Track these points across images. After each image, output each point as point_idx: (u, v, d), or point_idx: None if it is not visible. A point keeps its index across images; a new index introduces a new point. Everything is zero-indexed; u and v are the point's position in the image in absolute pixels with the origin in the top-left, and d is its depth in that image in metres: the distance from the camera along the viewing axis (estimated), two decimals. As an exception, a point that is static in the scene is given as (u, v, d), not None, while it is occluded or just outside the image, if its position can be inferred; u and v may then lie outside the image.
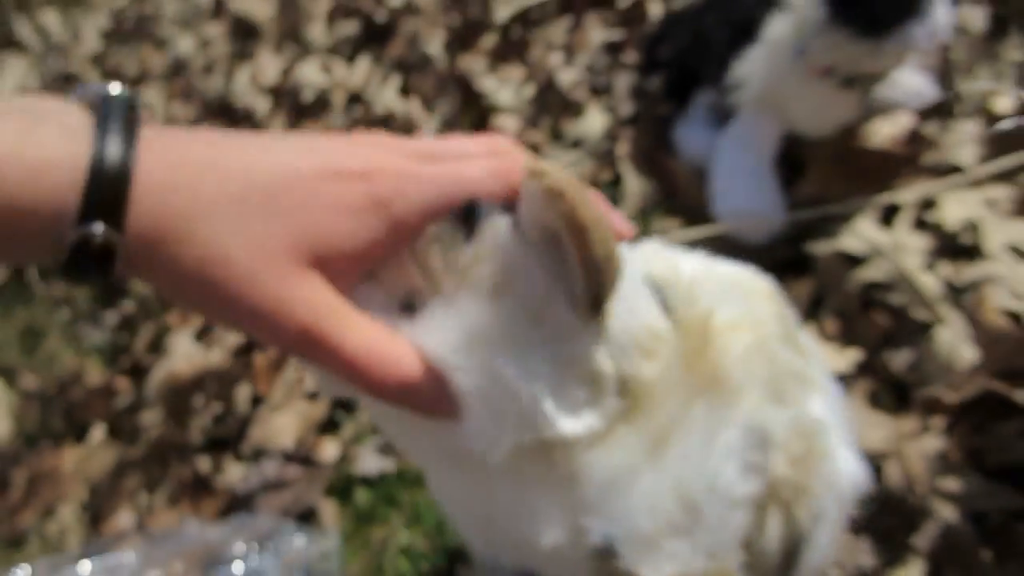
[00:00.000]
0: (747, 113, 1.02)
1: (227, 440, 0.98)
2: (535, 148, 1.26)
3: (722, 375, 0.45)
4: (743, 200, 1.00)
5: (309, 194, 0.37)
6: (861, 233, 0.91)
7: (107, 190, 0.34)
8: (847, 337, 0.89)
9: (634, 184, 1.13)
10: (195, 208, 0.36)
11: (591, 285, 0.37)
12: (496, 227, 0.39)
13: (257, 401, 1.00)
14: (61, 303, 1.35)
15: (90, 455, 0.89)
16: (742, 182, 1.02)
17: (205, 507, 0.89)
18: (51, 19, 2.21)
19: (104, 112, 0.35)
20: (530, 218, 0.38)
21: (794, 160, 1.08)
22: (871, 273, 0.89)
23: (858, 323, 0.89)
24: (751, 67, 0.97)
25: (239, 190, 0.36)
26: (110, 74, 1.96)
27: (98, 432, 0.98)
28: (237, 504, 0.89)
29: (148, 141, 0.35)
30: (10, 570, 0.81)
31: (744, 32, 0.97)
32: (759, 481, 0.46)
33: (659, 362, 0.42)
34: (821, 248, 0.94)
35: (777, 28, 0.92)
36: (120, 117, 0.35)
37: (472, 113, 1.32)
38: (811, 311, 0.91)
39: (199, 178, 0.36)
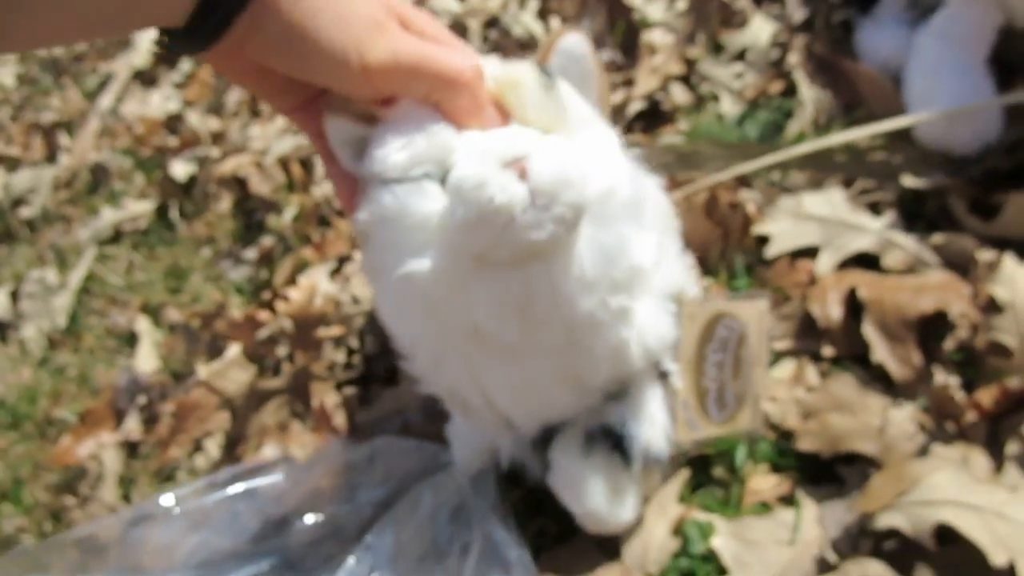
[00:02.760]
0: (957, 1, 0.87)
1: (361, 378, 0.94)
2: (692, 63, 1.14)
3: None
4: (948, 102, 0.85)
5: None
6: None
7: None
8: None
9: (809, 94, 1.00)
10: None
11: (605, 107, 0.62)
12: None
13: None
14: (203, 242, 1.35)
15: (234, 385, 0.86)
16: (948, 81, 0.87)
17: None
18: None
19: None
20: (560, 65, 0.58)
21: (1009, 63, 0.91)
22: None
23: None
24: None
25: None
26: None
27: (241, 361, 0.95)
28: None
29: None
30: (156, 497, 0.79)
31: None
32: None
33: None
34: (1054, 150, 0.79)
35: None
36: None
37: (620, 31, 1.22)
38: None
39: None
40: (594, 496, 0.63)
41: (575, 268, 0.50)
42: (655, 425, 0.64)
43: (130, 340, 1.22)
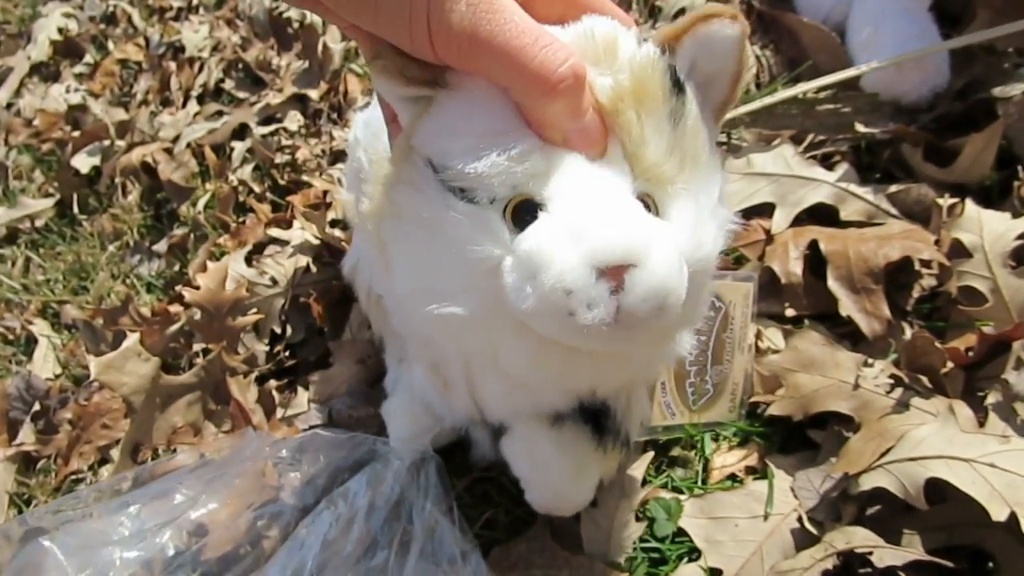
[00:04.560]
0: (898, -56, 0.83)
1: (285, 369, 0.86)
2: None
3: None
4: (895, 49, 0.81)
5: None
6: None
7: None
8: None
9: (752, 52, 0.95)
10: None
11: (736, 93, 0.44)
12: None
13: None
14: (109, 237, 1.24)
15: (133, 380, 0.77)
16: (893, 28, 0.84)
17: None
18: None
19: None
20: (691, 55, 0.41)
21: (950, 9, 0.89)
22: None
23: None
24: None
25: None
26: (154, 10, 1.85)
27: (139, 351, 0.85)
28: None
29: None
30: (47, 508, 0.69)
31: None
32: None
33: None
34: (1008, 92, 0.75)
35: None
36: None
37: None
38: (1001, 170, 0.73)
39: None
40: (554, 470, 0.55)
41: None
42: (631, 407, 0.56)
43: (28, 345, 1.11)
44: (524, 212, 0.39)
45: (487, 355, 0.43)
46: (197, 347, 0.93)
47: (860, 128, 0.79)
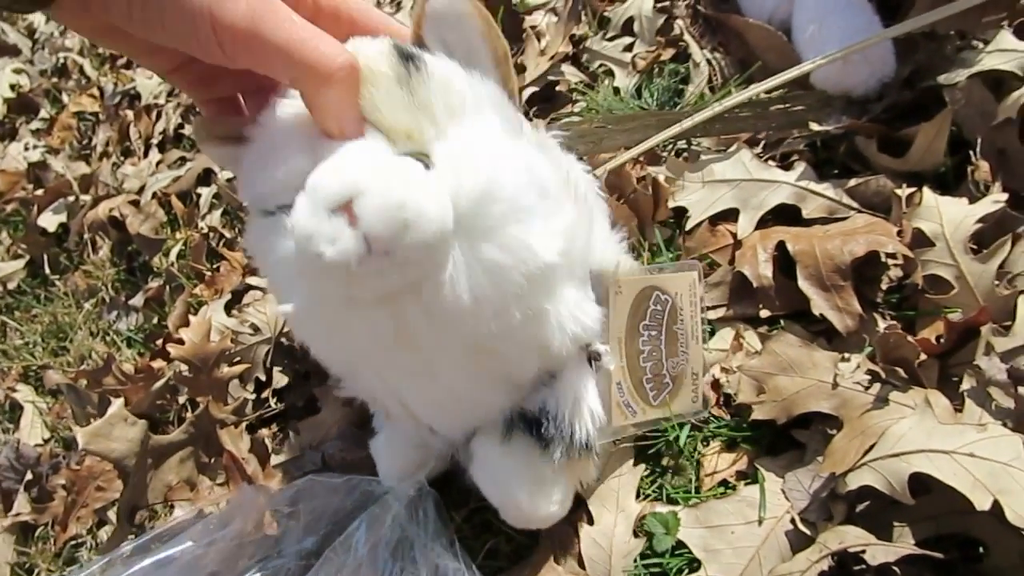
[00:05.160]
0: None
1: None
2: (580, 42, 1.10)
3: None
4: (841, 43, 0.83)
5: None
6: (1008, 46, 0.74)
7: None
8: (1006, 178, 0.72)
9: (702, 56, 0.97)
10: None
11: (505, 68, 0.49)
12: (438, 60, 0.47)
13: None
14: (84, 295, 1.24)
15: (122, 445, 0.77)
16: (836, 22, 0.85)
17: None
18: (37, 17, 2.09)
19: None
20: (439, 36, 0.48)
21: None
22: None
23: (1019, 158, 0.72)
24: None
25: None
26: (105, 59, 1.84)
27: (126, 416, 0.85)
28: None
29: None
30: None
31: None
32: None
33: None
34: (953, 78, 0.77)
35: None
36: None
37: (500, 18, 1.17)
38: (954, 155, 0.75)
39: None
40: (512, 486, 0.56)
41: (448, 296, 0.43)
42: (579, 409, 0.57)
43: (13, 412, 1.10)
44: None
45: (349, 352, 0.49)
46: (183, 399, 0.93)
47: (814, 127, 0.81)
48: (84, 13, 0.42)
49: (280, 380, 0.87)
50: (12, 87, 1.89)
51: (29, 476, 0.93)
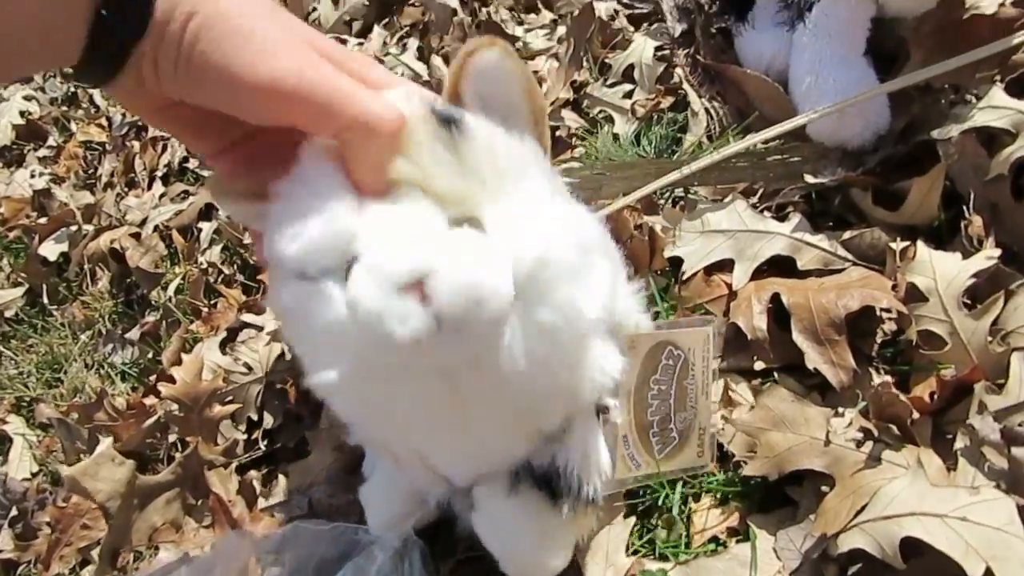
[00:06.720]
0: (830, -4, 0.86)
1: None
2: (580, 88, 1.11)
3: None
4: (836, 97, 0.84)
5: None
6: (999, 103, 0.74)
7: None
8: (999, 234, 0.72)
9: (700, 105, 0.98)
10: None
11: (542, 127, 0.48)
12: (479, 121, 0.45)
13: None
14: (81, 326, 1.23)
15: (108, 485, 0.76)
16: (832, 76, 0.86)
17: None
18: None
19: None
20: (478, 91, 0.46)
21: (885, 53, 0.91)
22: (1024, 149, 0.72)
23: (1012, 214, 0.72)
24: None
25: None
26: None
27: (113, 456, 0.85)
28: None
29: None
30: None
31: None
32: None
33: None
34: (947, 133, 0.77)
35: None
36: None
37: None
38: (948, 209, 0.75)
39: None
40: (519, 539, 0.56)
41: (506, 362, 0.42)
42: (588, 462, 0.56)
43: (3, 443, 1.09)
44: None
45: (391, 414, 0.46)
46: (173, 438, 0.92)
47: (809, 179, 0.81)
48: (137, 89, 0.42)
49: (270, 420, 0.86)
50: (22, 113, 1.91)
51: (15, 512, 0.92)
